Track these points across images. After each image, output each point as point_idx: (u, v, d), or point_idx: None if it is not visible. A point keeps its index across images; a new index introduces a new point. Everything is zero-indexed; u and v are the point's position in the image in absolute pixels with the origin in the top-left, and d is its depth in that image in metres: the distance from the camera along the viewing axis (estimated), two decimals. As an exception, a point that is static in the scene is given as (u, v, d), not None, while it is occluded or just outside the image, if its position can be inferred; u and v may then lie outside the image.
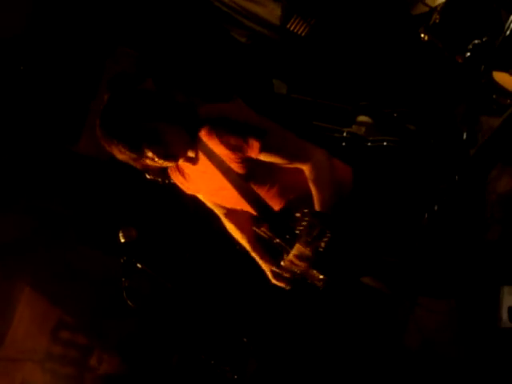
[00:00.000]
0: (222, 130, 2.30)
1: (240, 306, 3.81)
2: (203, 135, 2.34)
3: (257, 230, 2.53)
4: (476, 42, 2.78)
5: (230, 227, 2.70)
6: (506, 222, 3.40)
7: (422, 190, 3.94)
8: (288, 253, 2.26)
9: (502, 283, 3.29)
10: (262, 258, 2.64)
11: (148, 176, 2.61)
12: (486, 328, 3.36)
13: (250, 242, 2.67)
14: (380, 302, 3.53)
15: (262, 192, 2.44)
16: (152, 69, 3.87)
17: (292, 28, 4.21)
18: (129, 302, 2.58)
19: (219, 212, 2.70)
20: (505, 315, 3.27)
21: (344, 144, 4.08)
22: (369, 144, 4.01)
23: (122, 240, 2.63)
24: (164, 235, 4.07)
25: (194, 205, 2.78)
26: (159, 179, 2.62)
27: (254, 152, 2.31)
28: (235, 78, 4.31)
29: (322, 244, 2.15)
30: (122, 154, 2.26)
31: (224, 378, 3.54)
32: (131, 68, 3.97)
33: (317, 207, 2.28)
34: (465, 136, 3.21)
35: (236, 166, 2.37)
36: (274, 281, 2.60)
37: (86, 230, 4.08)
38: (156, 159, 2.28)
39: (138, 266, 2.62)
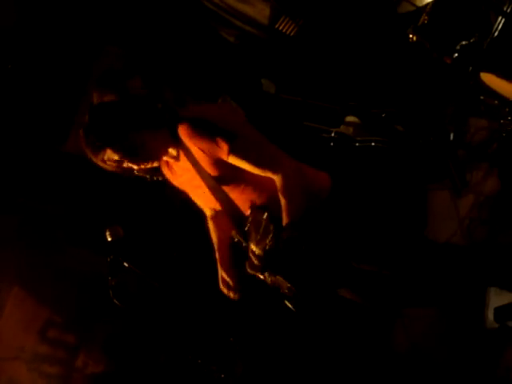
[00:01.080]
0: (195, 130, 2.36)
1: (227, 306, 3.81)
2: (180, 133, 2.40)
3: (232, 234, 2.54)
4: (464, 42, 2.79)
5: (211, 228, 2.75)
6: (491, 223, 3.42)
7: (407, 191, 3.96)
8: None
9: (488, 285, 3.31)
10: (220, 261, 2.67)
11: (136, 172, 2.62)
12: (473, 330, 3.38)
13: (218, 244, 2.70)
14: (365, 309, 3.54)
15: (235, 195, 2.47)
16: (140, 67, 3.86)
17: (281, 28, 4.22)
18: (115, 301, 2.57)
19: (207, 212, 2.74)
20: (491, 316, 3.29)
21: (332, 144, 4.08)
22: (357, 144, 4.02)
23: (109, 239, 2.62)
24: (151, 234, 4.06)
25: (182, 203, 2.79)
26: (147, 176, 2.64)
27: (224, 154, 2.35)
28: (224, 77, 4.30)
29: (269, 242, 2.13)
30: (106, 165, 2.43)
31: (211, 378, 3.54)
32: (119, 67, 3.96)
33: (284, 218, 2.28)
34: (452, 137, 3.22)
35: (208, 166, 2.42)
36: (221, 287, 2.63)
37: (74, 229, 4.07)
38: (135, 167, 2.44)
39: (125, 264, 2.61)
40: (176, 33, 4.23)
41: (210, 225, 2.74)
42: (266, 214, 2.14)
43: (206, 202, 2.65)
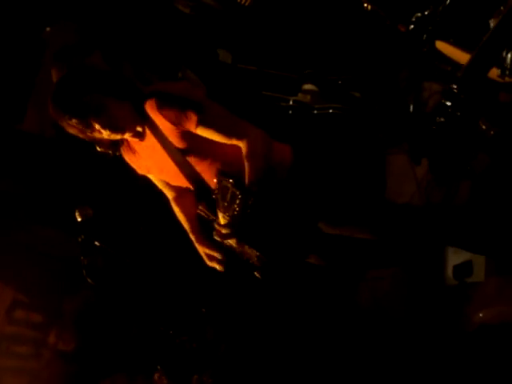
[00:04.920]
0: (163, 103, 2.41)
1: (197, 277, 3.86)
2: (147, 108, 2.44)
3: (198, 210, 2.60)
4: (419, 14, 2.86)
5: (176, 210, 2.78)
6: (447, 185, 3.52)
7: (366, 156, 4.04)
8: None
9: (446, 244, 3.43)
10: (197, 240, 2.71)
11: (98, 148, 2.63)
12: (433, 287, 3.51)
13: (190, 225, 2.74)
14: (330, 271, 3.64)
15: (201, 168, 2.52)
16: (97, 42, 3.81)
17: (236, -2, 4.20)
18: (89, 280, 2.60)
19: (168, 195, 2.78)
20: (450, 273, 3.43)
21: (290, 112, 4.13)
22: (315, 112, 4.08)
23: (79, 219, 2.64)
24: (115, 210, 4.06)
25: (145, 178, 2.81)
26: (110, 151, 2.65)
27: (192, 125, 2.41)
28: (180, 48, 4.28)
29: (236, 207, 2.21)
30: (70, 127, 2.41)
31: (183, 348, 3.61)
32: (75, 41, 3.90)
33: (246, 180, 2.36)
34: (411, 108, 3.31)
35: (175, 140, 2.46)
36: (208, 263, 2.69)
37: (38, 209, 4.04)
38: (102, 131, 2.41)
39: (96, 243, 2.64)
40: (131, 5, 4.17)
41: (175, 207, 2.77)
42: (232, 180, 2.20)
43: (171, 179, 2.67)
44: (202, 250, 2.70)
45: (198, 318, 3.74)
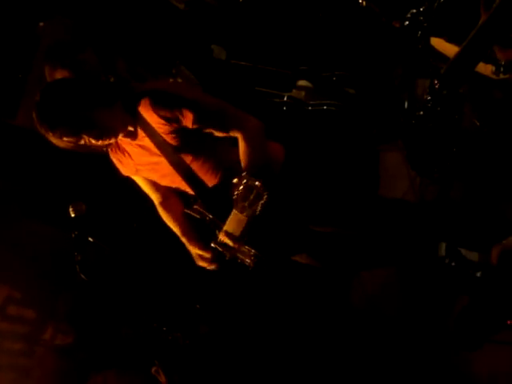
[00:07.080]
0: (157, 102, 2.39)
1: (191, 273, 3.86)
2: (141, 108, 2.43)
3: (188, 210, 2.60)
4: (413, 11, 2.87)
5: (164, 215, 2.78)
6: (441, 181, 3.53)
7: (360, 153, 4.05)
8: (220, 228, 2.36)
9: (439, 241, 3.44)
10: (190, 242, 2.72)
11: (91, 148, 2.62)
12: (426, 285, 3.52)
13: (180, 227, 2.75)
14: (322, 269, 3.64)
15: (196, 166, 2.51)
16: (90, 38, 3.80)
17: (230, -7, 4.20)
18: (82, 276, 2.60)
19: (155, 199, 2.78)
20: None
21: (284, 108, 4.13)
22: (309, 108, 4.08)
23: (72, 215, 2.63)
24: (109, 206, 4.05)
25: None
26: (103, 149, 2.64)
27: (189, 123, 2.40)
28: (174, 44, 4.27)
29: (258, 208, 2.23)
30: (61, 143, 2.40)
31: (176, 344, 3.61)
32: (68, 37, 3.88)
33: (246, 162, 2.38)
34: (406, 105, 3.31)
35: (170, 138, 2.45)
36: (199, 263, 2.70)
37: (31, 205, 4.03)
38: (93, 141, 2.40)
39: (90, 239, 2.63)
40: (125, 1, 4.16)
41: (162, 212, 2.78)
42: (258, 182, 2.22)
43: (162, 178, 2.66)
44: (194, 252, 2.71)
45: (192, 314, 3.74)
